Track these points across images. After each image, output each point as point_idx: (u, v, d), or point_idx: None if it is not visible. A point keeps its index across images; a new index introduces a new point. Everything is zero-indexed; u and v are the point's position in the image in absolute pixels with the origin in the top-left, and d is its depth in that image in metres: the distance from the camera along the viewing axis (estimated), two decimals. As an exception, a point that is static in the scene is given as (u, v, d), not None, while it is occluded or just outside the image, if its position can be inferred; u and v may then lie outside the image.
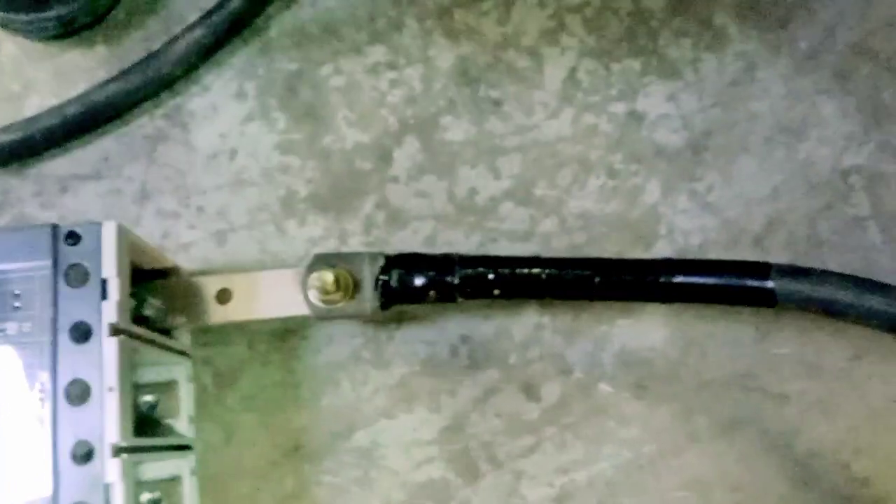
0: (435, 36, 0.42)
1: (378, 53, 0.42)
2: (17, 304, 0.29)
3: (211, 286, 0.36)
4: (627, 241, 0.40)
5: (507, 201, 0.41)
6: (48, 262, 0.30)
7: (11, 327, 0.29)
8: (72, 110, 0.39)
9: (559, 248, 0.40)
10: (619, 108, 0.42)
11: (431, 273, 0.35)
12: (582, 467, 0.38)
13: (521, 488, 0.38)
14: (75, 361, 0.29)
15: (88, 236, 0.30)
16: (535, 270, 0.34)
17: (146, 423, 0.34)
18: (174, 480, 0.34)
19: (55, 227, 0.30)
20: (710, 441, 0.38)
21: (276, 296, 0.36)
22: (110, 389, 0.29)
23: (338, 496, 0.37)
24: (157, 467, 0.33)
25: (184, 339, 0.37)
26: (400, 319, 0.39)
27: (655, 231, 0.40)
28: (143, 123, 0.41)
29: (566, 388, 0.39)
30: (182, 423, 0.36)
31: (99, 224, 0.30)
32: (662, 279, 0.33)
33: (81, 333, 0.29)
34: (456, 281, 0.35)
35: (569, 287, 0.34)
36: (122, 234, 0.31)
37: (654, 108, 0.42)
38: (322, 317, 0.36)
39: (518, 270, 0.34)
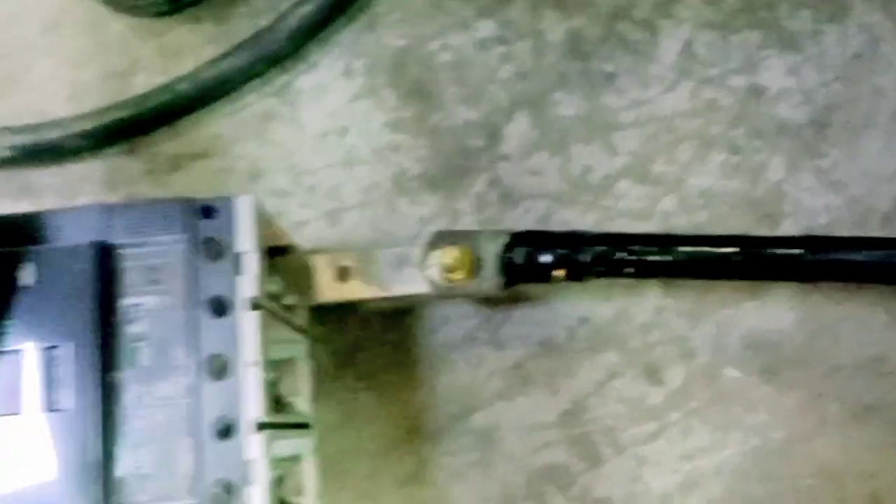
0: (545, 9, 0.41)
1: (487, 28, 0.41)
2: (154, 277, 0.29)
3: (330, 264, 0.36)
4: (752, 220, 0.39)
5: (623, 179, 0.39)
6: (184, 237, 0.29)
7: (150, 301, 0.29)
8: (183, 87, 0.39)
9: (679, 227, 0.38)
10: (739, 81, 0.40)
11: (560, 251, 0.34)
12: (708, 454, 0.37)
13: (644, 475, 0.37)
14: (214, 336, 0.28)
15: (223, 210, 0.30)
16: (675, 248, 0.32)
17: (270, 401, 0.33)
18: (295, 459, 0.34)
19: (190, 202, 0.30)
20: (841, 427, 0.36)
21: (395, 273, 0.36)
22: (250, 364, 0.28)
23: (457, 478, 0.36)
24: (280, 445, 0.32)
25: (301, 316, 0.36)
26: (515, 300, 0.38)
27: (780, 209, 0.39)
28: (253, 101, 0.41)
29: (690, 373, 0.37)
30: (302, 402, 0.35)
31: (233, 198, 0.30)
32: (815, 256, 0.31)
33: (219, 308, 0.29)
34: (586, 259, 0.33)
35: (710, 265, 0.32)
36: (256, 208, 0.30)
37: (774, 82, 0.40)
38: (442, 295, 0.35)
39: (654, 248, 0.33)
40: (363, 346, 0.38)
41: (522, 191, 0.39)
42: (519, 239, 0.34)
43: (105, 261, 0.29)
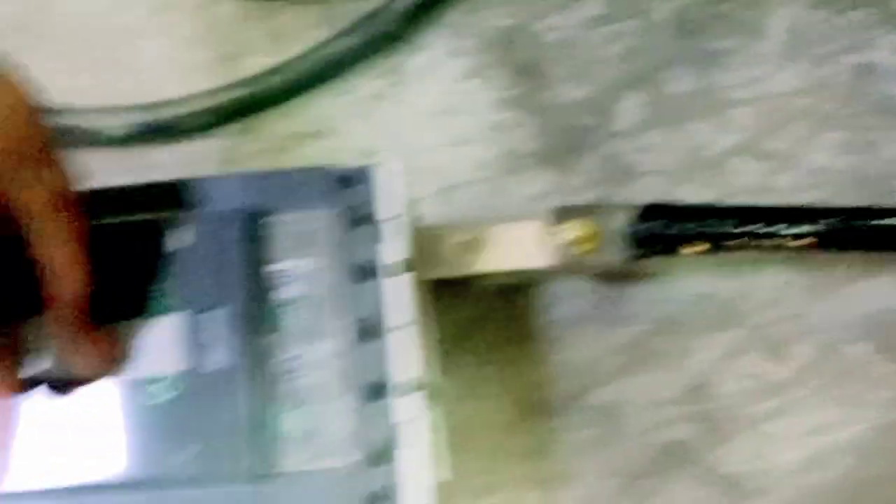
0: (650, -12, 0.41)
1: (594, 7, 0.41)
2: (300, 244, 0.29)
3: (455, 237, 0.35)
4: (866, 199, 0.38)
5: (738, 156, 0.39)
6: (330, 204, 0.29)
7: (297, 266, 0.29)
8: (298, 67, 0.39)
9: (796, 203, 0.38)
10: (849, 59, 0.40)
11: (691, 224, 0.33)
12: (833, 431, 0.36)
13: (769, 452, 0.36)
14: (363, 299, 0.29)
15: (365, 177, 0.30)
16: (817, 221, 0.32)
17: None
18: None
19: (332, 170, 0.30)
20: (970, 405, 0.36)
21: (521, 247, 0.35)
22: (400, 327, 0.28)
23: (579, 453, 0.36)
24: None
25: (423, 291, 0.36)
26: (633, 277, 0.38)
27: (894, 187, 0.38)
28: (362, 83, 0.41)
29: (814, 349, 0.37)
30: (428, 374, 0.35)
31: (375, 165, 0.30)
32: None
33: (366, 272, 0.29)
34: (719, 232, 0.33)
35: (850, 238, 0.32)
36: (397, 176, 0.30)
37: (886, 59, 0.40)
38: (568, 269, 0.35)
39: (792, 221, 0.32)
40: (480, 323, 0.38)
41: (636, 168, 0.39)
42: (650, 211, 0.34)
43: (255, 227, 0.29)
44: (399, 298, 0.28)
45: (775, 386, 0.37)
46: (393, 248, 0.29)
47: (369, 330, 0.28)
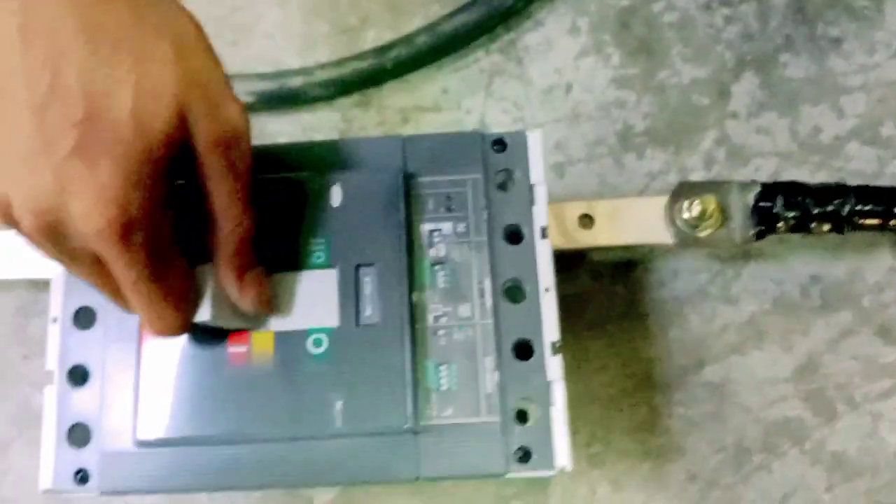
0: (768, -26, 0.42)
1: (711, -10, 0.42)
2: (451, 205, 0.30)
3: (574, 211, 0.36)
4: (983, 185, 0.39)
5: (852, 141, 0.39)
6: (479, 168, 0.30)
7: (447, 227, 0.30)
8: (422, 40, 0.40)
9: (912, 188, 0.38)
10: (966, 48, 0.40)
11: (821, 202, 0.34)
12: (944, 414, 0.37)
13: (879, 430, 0.36)
14: (510, 262, 0.29)
15: (515, 143, 0.31)
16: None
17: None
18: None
19: (482, 135, 0.31)
20: None
21: (639, 222, 0.36)
22: (547, 289, 0.29)
23: (691, 429, 0.37)
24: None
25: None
26: (745, 256, 0.39)
27: None
28: (479, 57, 0.42)
29: (925, 332, 0.37)
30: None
31: (525, 132, 0.31)
32: None
33: (513, 235, 0.30)
34: (847, 211, 0.34)
35: None
36: (541, 144, 0.31)
37: None
38: (686, 245, 0.36)
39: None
40: (593, 297, 0.38)
41: (751, 149, 0.40)
42: (775, 189, 0.35)
43: (408, 187, 0.30)
44: (545, 262, 0.29)
45: (885, 367, 0.37)
46: (541, 214, 0.30)
47: (519, 291, 0.29)
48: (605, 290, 0.39)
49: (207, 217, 0.27)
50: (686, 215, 0.36)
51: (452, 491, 0.37)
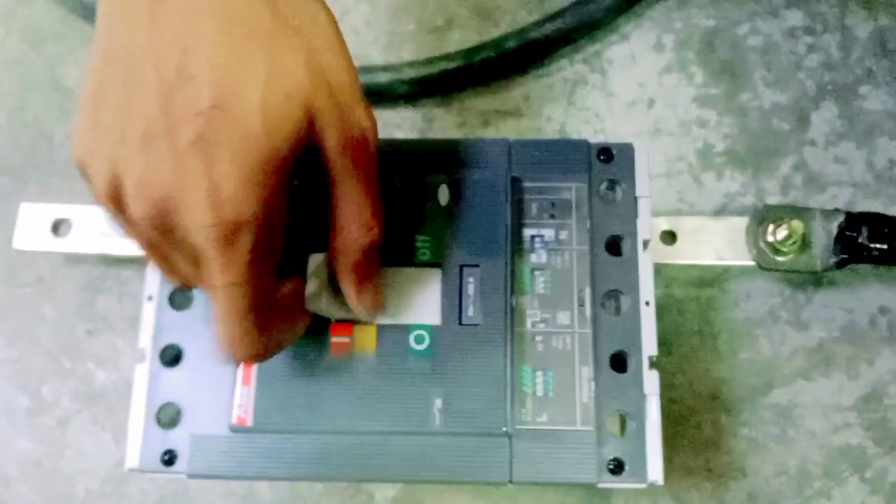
0: (852, 6, 0.42)
1: (795, 18, 0.42)
2: (554, 212, 0.30)
3: (658, 226, 0.37)
4: None
5: (929, 176, 0.40)
6: (585, 176, 0.30)
7: (550, 234, 0.30)
8: (510, 44, 0.40)
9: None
10: None
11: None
12: None
13: (940, 466, 0.37)
14: (611, 273, 0.30)
15: (621, 155, 0.31)
16: None
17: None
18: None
19: (593, 143, 0.31)
20: None
21: (721, 242, 0.36)
22: (647, 303, 0.29)
23: (755, 450, 0.37)
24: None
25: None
26: (817, 284, 0.39)
27: None
28: (563, 66, 0.42)
29: None
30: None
31: (632, 144, 0.31)
32: None
33: (616, 247, 0.30)
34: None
35: None
36: (647, 157, 0.31)
37: None
38: (767, 268, 0.36)
39: None
40: (664, 313, 0.39)
41: (828, 177, 0.40)
42: (860, 219, 0.35)
43: (514, 191, 0.30)
44: (646, 276, 0.29)
45: (951, 403, 0.38)
46: (644, 226, 0.30)
47: (618, 302, 0.29)
48: (678, 307, 0.39)
49: (330, 221, 0.26)
50: (770, 238, 0.36)
51: (515, 496, 0.37)
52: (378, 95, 0.40)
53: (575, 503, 0.37)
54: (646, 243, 0.30)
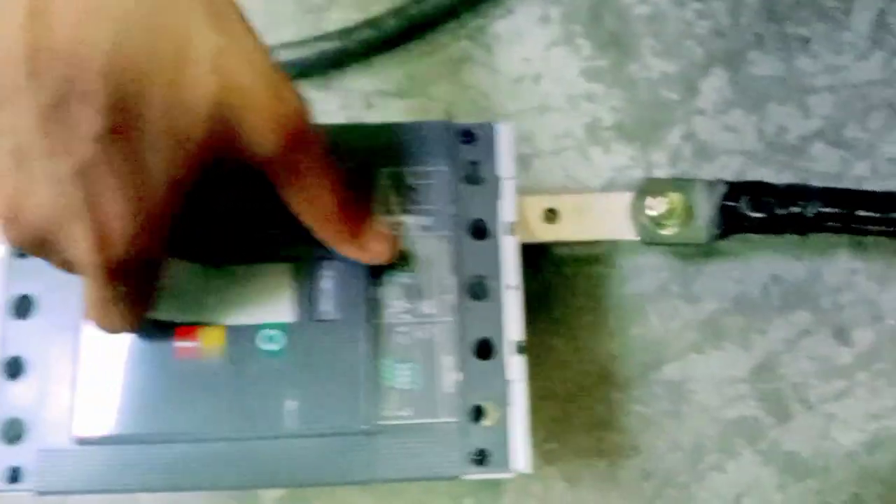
0: (740, -30, 0.41)
1: (683, -16, 0.41)
2: (415, 198, 0.29)
3: (538, 204, 0.36)
4: (942, 190, 0.39)
5: (818, 141, 0.39)
6: (447, 160, 0.29)
7: (411, 221, 0.29)
8: (389, 23, 0.39)
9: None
10: (931, 53, 0.40)
11: (786, 203, 0.34)
12: (893, 415, 0.37)
13: (832, 431, 0.37)
14: (475, 258, 0.29)
15: (483, 136, 0.30)
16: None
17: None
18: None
19: (454, 124, 0.30)
20: None
21: (604, 218, 0.36)
22: (511, 287, 0.28)
23: (648, 427, 0.37)
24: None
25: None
26: (707, 255, 0.38)
27: (971, 182, 0.39)
28: (447, 43, 0.40)
29: (879, 335, 0.38)
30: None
31: (495, 124, 0.30)
32: None
33: (480, 231, 0.29)
34: (812, 213, 0.34)
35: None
36: (513, 136, 0.30)
37: (966, 55, 0.40)
38: (651, 242, 0.35)
39: (884, 207, 0.33)
40: (555, 292, 0.38)
41: (718, 146, 0.39)
42: (740, 189, 0.34)
43: (371, 178, 0.29)
44: (511, 259, 0.29)
45: (840, 368, 0.37)
46: (508, 209, 0.29)
47: (483, 288, 0.29)
48: (568, 286, 0.38)
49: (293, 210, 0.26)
50: (651, 212, 0.35)
51: (404, 488, 0.36)
52: (254, 80, 0.39)
53: (466, 490, 0.36)
54: (511, 226, 0.29)
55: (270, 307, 0.28)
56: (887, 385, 0.37)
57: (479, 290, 0.29)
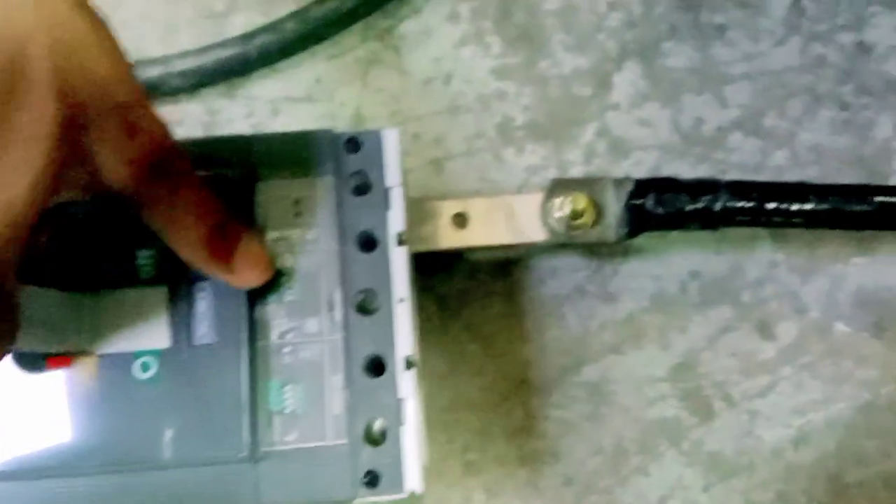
0: (652, -41, 0.41)
1: (594, -24, 0.40)
2: (299, 210, 0.28)
3: (447, 210, 0.35)
4: (861, 177, 0.38)
5: (735, 132, 0.39)
6: (331, 169, 0.28)
7: (295, 235, 0.28)
8: (289, 27, 0.37)
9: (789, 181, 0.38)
10: (847, 38, 0.40)
11: (693, 198, 0.33)
12: (820, 408, 0.36)
13: (756, 429, 0.36)
14: (363, 271, 0.27)
15: (369, 144, 0.29)
16: (812, 199, 0.32)
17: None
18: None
19: (335, 134, 0.29)
20: (951, 385, 0.37)
21: (514, 221, 0.35)
22: (401, 300, 0.27)
23: (568, 431, 0.36)
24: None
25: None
26: (624, 253, 0.38)
27: (889, 167, 0.38)
28: (355, 45, 0.39)
29: (802, 328, 0.37)
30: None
31: (380, 131, 0.29)
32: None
33: (367, 243, 0.28)
34: (719, 207, 0.33)
35: (846, 217, 0.32)
36: (400, 142, 0.29)
37: (882, 39, 0.40)
38: (561, 243, 0.35)
39: (792, 197, 0.32)
40: (471, 297, 0.37)
41: (632, 141, 0.38)
42: (647, 186, 0.33)
43: (251, 192, 0.28)
44: (400, 271, 0.28)
45: (763, 364, 0.37)
46: (396, 219, 0.28)
47: (370, 302, 0.27)
48: (484, 290, 0.37)
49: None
50: (558, 214, 0.34)
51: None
52: (152, 91, 0.37)
53: (387, 505, 0.35)
54: (399, 236, 0.28)
55: (145, 333, 0.26)
56: (811, 378, 0.37)
57: (368, 304, 0.27)
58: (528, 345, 0.37)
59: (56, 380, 0.26)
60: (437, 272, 0.37)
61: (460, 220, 0.35)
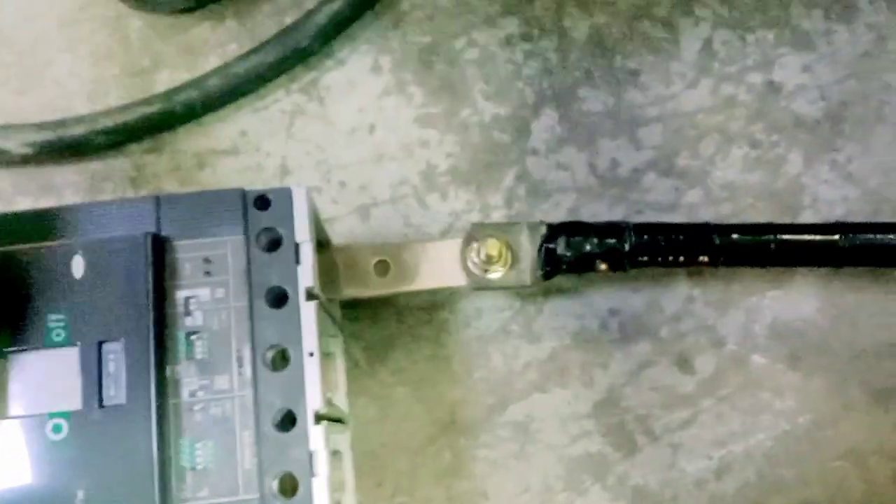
0: (568, 7, 0.42)
1: (512, 25, 0.42)
2: (209, 269, 0.29)
3: (369, 257, 0.36)
4: (774, 212, 0.40)
5: (650, 172, 0.40)
6: (240, 227, 0.29)
7: (205, 293, 0.28)
8: (212, 82, 0.38)
9: (707, 218, 0.39)
10: (756, 78, 0.41)
11: (602, 241, 0.34)
12: (739, 439, 0.37)
13: (679, 461, 0.37)
14: (272, 327, 0.28)
15: (278, 201, 0.29)
16: (717, 237, 0.33)
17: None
18: (335, 455, 0.34)
19: (245, 192, 0.29)
20: (865, 410, 0.38)
21: (434, 267, 0.36)
22: (311, 354, 0.28)
23: (496, 470, 0.37)
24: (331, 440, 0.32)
25: (336, 311, 0.36)
26: (546, 293, 0.39)
27: (800, 201, 0.40)
28: (280, 98, 0.40)
29: (720, 361, 0.38)
30: (340, 397, 0.35)
31: (289, 188, 0.30)
32: (849, 241, 0.33)
33: (276, 298, 0.29)
34: (627, 248, 0.34)
35: (752, 254, 0.33)
36: (310, 199, 0.30)
37: (790, 78, 0.41)
38: (480, 287, 0.35)
39: (697, 237, 0.33)
40: (397, 341, 0.38)
41: (551, 185, 0.40)
42: (558, 230, 0.35)
43: (158, 252, 0.28)
44: (310, 326, 0.28)
45: (683, 397, 0.38)
46: (306, 274, 0.29)
47: (281, 357, 0.28)
48: (411, 334, 0.38)
49: None
50: (476, 258, 0.35)
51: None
52: (77, 148, 0.38)
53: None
54: (308, 291, 0.29)
55: (56, 395, 0.27)
56: (731, 410, 0.38)
57: (278, 359, 0.28)
58: (456, 386, 0.38)
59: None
60: (366, 317, 0.38)
61: (382, 267, 0.36)
